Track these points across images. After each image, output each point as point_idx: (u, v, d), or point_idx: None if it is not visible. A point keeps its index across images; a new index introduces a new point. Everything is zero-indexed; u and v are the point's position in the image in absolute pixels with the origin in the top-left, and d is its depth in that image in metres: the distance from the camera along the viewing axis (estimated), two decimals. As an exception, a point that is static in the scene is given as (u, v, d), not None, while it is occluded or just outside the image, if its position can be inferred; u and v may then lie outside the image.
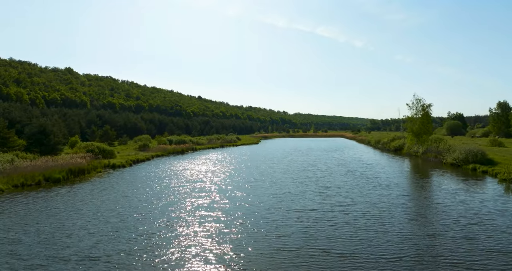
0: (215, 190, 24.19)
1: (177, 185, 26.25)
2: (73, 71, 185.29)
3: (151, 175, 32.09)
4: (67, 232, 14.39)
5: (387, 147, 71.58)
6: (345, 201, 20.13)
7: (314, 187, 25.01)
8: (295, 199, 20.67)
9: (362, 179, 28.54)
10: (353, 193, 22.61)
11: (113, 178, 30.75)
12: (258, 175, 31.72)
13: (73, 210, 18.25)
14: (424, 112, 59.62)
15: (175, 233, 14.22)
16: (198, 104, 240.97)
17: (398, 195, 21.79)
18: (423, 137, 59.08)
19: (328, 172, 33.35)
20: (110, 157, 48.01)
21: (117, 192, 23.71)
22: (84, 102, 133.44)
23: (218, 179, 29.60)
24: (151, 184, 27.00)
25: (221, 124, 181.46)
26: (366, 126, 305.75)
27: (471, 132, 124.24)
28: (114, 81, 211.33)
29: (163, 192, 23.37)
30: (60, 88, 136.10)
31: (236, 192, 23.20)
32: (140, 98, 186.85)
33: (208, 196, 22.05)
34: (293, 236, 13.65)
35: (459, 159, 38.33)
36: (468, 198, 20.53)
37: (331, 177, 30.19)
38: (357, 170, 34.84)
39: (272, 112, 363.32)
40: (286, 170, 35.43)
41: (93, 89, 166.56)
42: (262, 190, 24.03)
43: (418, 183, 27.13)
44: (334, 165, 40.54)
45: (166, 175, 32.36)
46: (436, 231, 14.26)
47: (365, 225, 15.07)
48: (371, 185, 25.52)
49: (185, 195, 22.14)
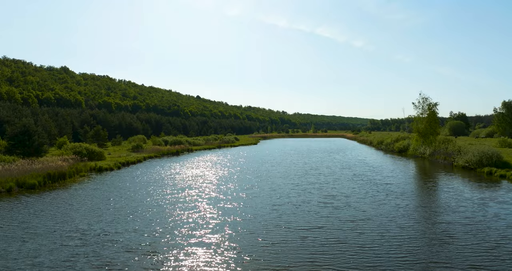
0: (205, 200, 21.12)
1: (162, 195, 23.20)
2: (69, 70, 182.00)
3: (136, 181, 29.03)
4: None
5: (390, 148, 68.64)
6: (356, 214, 17.09)
7: (318, 195, 21.98)
8: (298, 212, 17.62)
9: (372, 186, 25.51)
10: (364, 203, 19.57)
11: (95, 184, 27.69)
12: (255, 181, 28.67)
13: (25, 227, 15.17)
14: (431, 111, 56.65)
15: (144, 263, 11.17)
16: (196, 104, 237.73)
17: (417, 206, 18.77)
18: (429, 138, 56.14)
19: (333, 177, 30.33)
20: (99, 158, 45.06)
21: (92, 202, 20.64)
22: (79, 101, 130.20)
23: (209, 186, 26.54)
24: (132, 193, 23.94)
25: (219, 124, 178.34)
26: (366, 126, 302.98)
27: (474, 133, 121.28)
28: (111, 81, 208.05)
29: (143, 204, 20.32)
30: (54, 87, 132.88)
31: (229, 203, 20.16)
32: (137, 98, 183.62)
33: (195, 208, 18.99)
34: (296, 269, 10.61)
35: (472, 162, 35.50)
36: (502, 211, 17.47)
37: (337, 183, 27.16)
38: (364, 174, 31.83)
39: (271, 112, 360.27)
40: (286, 174, 32.41)
41: (89, 88, 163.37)
42: (259, 200, 20.99)
43: (435, 191, 24.10)
44: (337, 168, 37.52)
45: (153, 180, 29.30)
46: (480, 260, 11.19)
47: (386, 250, 12.03)
48: (383, 193, 22.49)
49: (167, 209, 19.06)
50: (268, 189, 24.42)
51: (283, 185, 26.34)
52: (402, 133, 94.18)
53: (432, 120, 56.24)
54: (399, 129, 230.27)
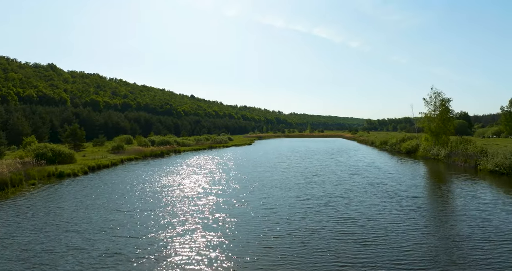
0: (171, 230, 14.92)
1: (122, 215, 16.98)
2: (56, 68, 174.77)
3: (95, 192, 22.76)
4: None
5: (397, 149, 62.82)
6: (398, 257, 10.99)
7: (329, 218, 15.87)
8: (306, 254, 11.48)
9: (397, 200, 19.42)
10: (400, 232, 13.46)
11: (39, 197, 21.37)
12: (244, 194, 22.50)
13: None
14: (444, 108, 50.78)
15: None
16: (190, 103, 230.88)
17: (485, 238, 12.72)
18: (442, 137, 50.31)
19: (343, 187, 24.21)
20: (69, 161, 38.82)
21: (15, 226, 14.39)
22: (64, 99, 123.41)
23: (184, 202, 20.24)
24: (81, 211, 17.69)
25: (213, 124, 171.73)
26: (363, 126, 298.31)
27: (479, 132, 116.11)
28: (101, 79, 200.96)
29: (90, 228, 14.11)
30: (38, 84, 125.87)
31: (205, 233, 13.98)
32: (128, 96, 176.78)
33: (155, 246, 12.81)
34: None
35: (505, 166, 29.88)
36: None
37: (350, 196, 21.05)
38: (380, 183, 25.76)
39: (267, 112, 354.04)
40: (283, 183, 26.25)
41: (76, 86, 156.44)
42: (248, 227, 14.79)
43: (483, 209, 18.04)
44: (345, 174, 31.43)
45: (117, 191, 23.04)
46: None
47: None
48: (417, 214, 16.40)
49: (120, 242, 12.87)
50: (261, 207, 18.22)
51: (280, 200, 20.19)
52: (407, 133, 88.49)
53: (445, 117, 50.43)
54: (396, 129, 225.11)
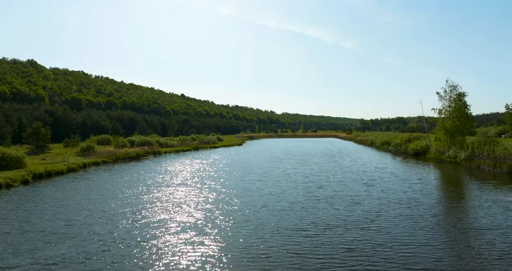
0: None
1: None
2: (37, 64, 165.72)
3: (16, 213, 15.57)
4: None
5: (402, 150, 56.33)
6: None
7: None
8: None
9: (455, 233, 12.64)
10: None
11: None
12: (225, 218, 15.50)
13: None
14: (461, 103, 44.33)
15: None
16: (179, 102, 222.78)
17: None
18: (457, 138, 43.90)
19: (363, 208, 17.32)
20: (17, 166, 31.80)
21: None
22: (41, 97, 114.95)
23: (136, 240, 13.24)
24: None
25: (203, 123, 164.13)
26: (356, 126, 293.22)
27: (482, 132, 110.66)
28: (86, 76, 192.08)
29: None
30: (13, 81, 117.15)
31: None
32: (113, 94, 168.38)
33: None
34: None
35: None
36: None
37: (380, 225, 14.18)
38: (413, 200, 18.96)
39: (259, 112, 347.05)
40: (279, 202, 19.28)
41: (58, 83, 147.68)
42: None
43: None
44: (359, 185, 24.52)
45: (50, 212, 15.89)
46: None
47: None
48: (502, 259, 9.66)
49: None
50: (247, 246, 11.26)
51: (276, 235, 13.24)
52: (412, 133, 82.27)
53: (463, 114, 43.97)
54: (390, 129, 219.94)
